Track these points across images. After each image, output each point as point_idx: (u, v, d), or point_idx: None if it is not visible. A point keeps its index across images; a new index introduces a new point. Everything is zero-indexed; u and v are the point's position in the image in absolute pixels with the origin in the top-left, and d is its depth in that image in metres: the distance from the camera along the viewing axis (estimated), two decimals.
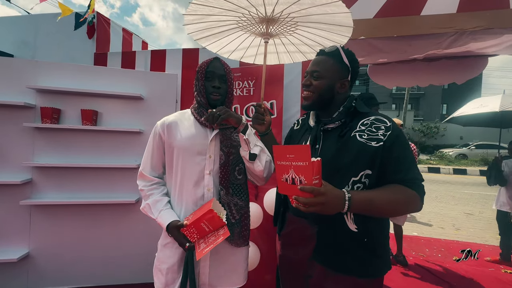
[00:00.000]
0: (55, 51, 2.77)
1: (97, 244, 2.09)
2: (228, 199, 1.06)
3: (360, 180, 0.85)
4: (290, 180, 0.76)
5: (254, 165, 1.03)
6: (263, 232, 1.86)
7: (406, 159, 0.85)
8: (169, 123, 1.09)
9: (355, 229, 0.86)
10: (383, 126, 0.87)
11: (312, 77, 0.97)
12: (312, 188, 0.72)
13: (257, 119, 1.14)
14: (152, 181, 1.10)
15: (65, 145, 2.04)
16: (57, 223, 2.03)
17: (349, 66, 0.95)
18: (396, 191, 0.83)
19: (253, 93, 1.95)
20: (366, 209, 0.81)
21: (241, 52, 1.44)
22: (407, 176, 0.84)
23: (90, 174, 2.08)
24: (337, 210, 0.78)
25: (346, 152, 0.87)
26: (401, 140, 0.86)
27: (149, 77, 2.15)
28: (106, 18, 2.79)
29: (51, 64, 2.02)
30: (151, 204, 1.06)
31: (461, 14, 1.74)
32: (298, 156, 0.72)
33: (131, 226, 2.14)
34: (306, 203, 0.74)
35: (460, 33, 1.80)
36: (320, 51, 1.00)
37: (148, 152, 1.12)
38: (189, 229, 0.93)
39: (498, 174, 3.00)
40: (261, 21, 1.19)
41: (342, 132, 0.90)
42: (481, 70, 2.43)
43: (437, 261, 3.01)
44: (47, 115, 1.94)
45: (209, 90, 1.06)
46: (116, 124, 2.11)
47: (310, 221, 0.94)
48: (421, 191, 0.85)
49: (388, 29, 1.88)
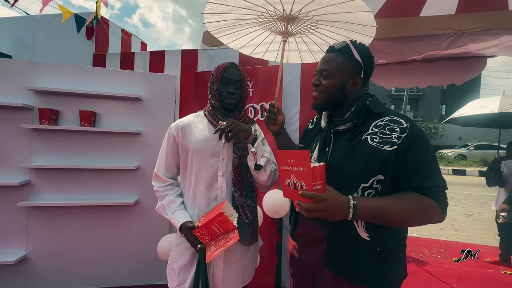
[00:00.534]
0: (54, 52, 2.76)
1: (96, 246, 2.08)
2: (242, 200, 1.09)
3: (371, 186, 0.78)
4: (292, 185, 0.75)
5: (259, 174, 1.07)
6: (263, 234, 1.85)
7: (424, 165, 0.76)
8: (183, 125, 1.11)
9: (367, 237, 0.80)
10: (398, 128, 0.79)
11: (321, 76, 0.91)
12: (312, 194, 0.70)
13: (270, 118, 1.11)
14: (166, 182, 1.12)
15: (63, 146, 2.03)
16: (55, 225, 2.02)
17: (361, 63, 0.87)
18: (410, 199, 0.75)
19: (252, 94, 1.94)
20: (374, 218, 0.76)
21: (252, 48, 1.41)
22: (424, 184, 0.75)
23: (89, 175, 2.07)
24: (341, 217, 0.75)
25: (355, 158, 0.81)
26: (419, 143, 0.77)
27: (147, 78, 2.14)
28: (105, 19, 2.78)
29: (49, 65, 2.01)
30: (166, 205, 1.08)
31: (460, 15, 1.74)
32: (298, 161, 0.70)
33: (130, 227, 2.13)
34: (307, 209, 0.72)
35: (459, 34, 1.80)
36: (330, 47, 0.93)
37: (162, 153, 1.14)
38: (200, 231, 0.95)
39: (497, 175, 3.01)
40: (281, 19, 1.16)
41: (352, 135, 0.84)
42: (480, 71, 2.43)
43: (436, 262, 3.01)
44: (45, 116, 1.94)
45: (224, 95, 1.08)
46: (115, 125, 2.10)
47: (321, 224, 0.89)
48: (441, 200, 0.76)
49: (387, 30, 1.87)
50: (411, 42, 1.96)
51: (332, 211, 0.73)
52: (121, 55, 2.45)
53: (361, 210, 0.74)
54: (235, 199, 1.08)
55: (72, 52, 2.73)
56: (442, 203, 0.76)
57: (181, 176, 1.16)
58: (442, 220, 0.78)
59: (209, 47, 2.29)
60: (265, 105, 1.89)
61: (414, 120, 0.81)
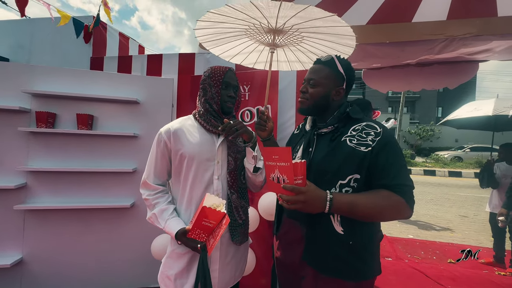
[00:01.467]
0: (51, 55, 2.76)
1: (92, 249, 2.08)
2: (238, 202, 1.11)
3: (349, 184, 0.87)
4: (276, 179, 0.82)
5: (257, 176, 1.11)
6: (259, 237, 1.87)
7: (394, 165, 0.85)
8: (175, 130, 1.08)
9: (341, 231, 0.88)
10: (373, 132, 0.89)
11: (309, 84, 1.01)
12: (292, 187, 0.78)
13: (260, 125, 1.17)
14: (156, 189, 1.10)
15: (60, 149, 2.04)
16: (51, 228, 2.02)
17: (344, 75, 0.98)
18: (381, 195, 0.84)
19: (248, 98, 1.97)
20: (348, 211, 0.84)
21: (242, 57, 1.47)
22: (393, 182, 0.84)
23: (85, 178, 2.07)
24: (318, 209, 0.83)
25: (335, 156, 0.89)
26: (390, 146, 0.87)
27: (145, 81, 2.16)
28: (102, 22, 2.80)
29: (46, 68, 2.02)
30: (158, 214, 1.06)
31: (451, 22, 1.78)
32: (282, 157, 0.77)
33: (127, 230, 2.13)
34: (288, 201, 0.80)
35: (450, 39, 1.84)
36: (317, 60, 1.04)
37: (151, 160, 1.11)
38: (194, 231, 0.95)
39: (490, 177, 3.05)
40: (268, 32, 1.23)
41: (333, 136, 0.93)
42: (472, 75, 2.48)
43: (432, 263, 3.03)
44: (42, 120, 1.94)
45: (225, 99, 1.10)
46: (112, 128, 2.11)
47: (301, 223, 0.97)
48: (408, 197, 0.85)
49: (381, 36, 1.91)
50: (404, 47, 2.00)
51: (311, 203, 0.81)
52: (118, 59, 2.46)
53: (337, 204, 0.82)
54: (231, 201, 1.09)
55: (70, 55, 2.74)
56: (409, 200, 0.85)
57: (173, 181, 1.14)
58: (409, 216, 0.86)
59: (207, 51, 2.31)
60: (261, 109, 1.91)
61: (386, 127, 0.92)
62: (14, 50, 2.77)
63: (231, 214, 1.09)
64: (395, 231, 4.23)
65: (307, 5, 1.06)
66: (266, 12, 1.10)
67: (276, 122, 1.91)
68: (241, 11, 1.11)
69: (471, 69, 2.46)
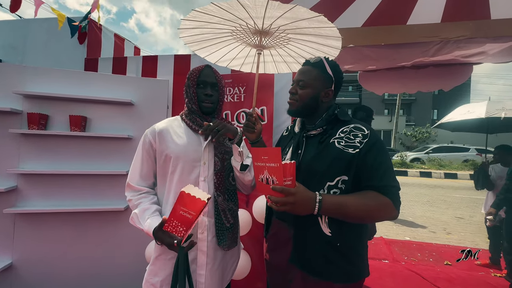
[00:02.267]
0: (45, 56, 2.73)
1: (85, 254, 2.03)
2: (224, 204, 1.07)
3: (337, 186, 0.87)
4: (265, 180, 0.81)
5: (245, 175, 1.07)
6: (254, 240, 1.85)
7: (381, 166, 0.86)
8: (160, 130, 1.06)
9: (329, 233, 0.88)
10: (361, 134, 0.90)
11: (298, 86, 1.01)
12: (281, 188, 0.77)
13: (248, 127, 1.16)
14: (141, 191, 1.06)
15: (53, 151, 2.00)
16: (42, 232, 1.98)
17: (332, 77, 0.98)
18: (368, 197, 0.85)
19: (244, 99, 1.96)
20: (337, 212, 0.84)
21: (229, 60, 1.46)
22: (380, 183, 0.85)
23: (78, 181, 2.03)
24: (308, 211, 0.82)
25: (323, 158, 0.90)
26: (377, 147, 0.88)
27: (139, 82, 2.14)
28: (97, 23, 2.78)
29: (39, 69, 1.99)
30: (139, 213, 1.00)
31: (445, 24, 1.79)
32: (271, 158, 0.76)
33: (120, 234, 2.09)
34: (277, 202, 0.79)
35: (445, 42, 1.85)
36: (306, 61, 1.04)
37: (137, 161, 1.07)
38: (170, 223, 0.86)
39: (485, 178, 3.07)
40: (255, 33, 1.22)
41: (322, 138, 0.94)
42: (466, 77, 2.50)
43: (428, 265, 3.03)
44: (34, 121, 1.91)
45: (201, 98, 1.08)
46: (106, 130, 2.08)
47: (289, 224, 0.96)
48: (395, 198, 0.85)
49: (376, 38, 1.92)
50: (399, 49, 2.01)
51: (300, 205, 0.80)
52: (113, 60, 2.44)
53: (326, 205, 0.82)
54: (218, 203, 1.06)
55: (64, 56, 2.70)
56: (395, 201, 0.86)
57: (158, 183, 1.10)
58: (395, 217, 0.87)
59: None
60: (257, 110, 1.90)
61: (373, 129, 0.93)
62: (6, 51, 2.73)
63: (217, 217, 1.06)
64: (392, 233, 4.23)
65: (294, 4, 1.06)
66: (253, 12, 1.09)
67: (272, 124, 1.90)
68: (228, 11, 1.09)
69: (465, 72, 2.48)
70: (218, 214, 1.06)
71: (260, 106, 1.91)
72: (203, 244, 1.04)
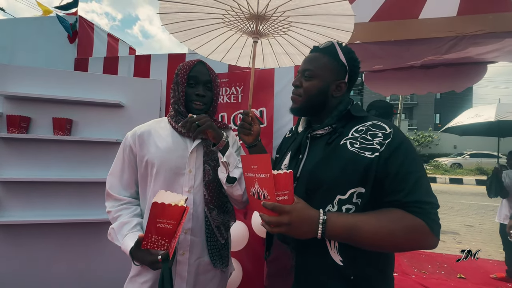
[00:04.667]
0: (34, 56, 2.60)
1: (70, 268, 1.87)
2: (219, 220, 0.93)
3: (350, 200, 0.68)
4: (256, 194, 0.66)
5: (233, 188, 0.91)
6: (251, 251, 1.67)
7: (409, 175, 0.65)
8: (141, 133, 0.94)
9: (340, 261, 0.69)
10: (381, 133, 0.70)
11: (303, 77, 0.83)
12: (273, 205, 0.61)
13: (243, 128, 1.00)
14: (122, 201, 0.93)
15: (34, 157, 1.85)
16: (23, 245, 1.82)
17: (346, 65, 0.80)
18: (392, 217, 0.64)
19: (241, 100, 1.80)
20: (347, 237, 0.64)
21: (223, 53, 1.30)
22: (409, 198, 0.64)
23: (62, 189, 1.88)
24: (308, 234, 0.64)
25: (332, 164, 0.71)
26: (404, 150, 0.67)
27: (129, 83, 1.99)
28: (89, 22, 2.66)
29: (20, 68, 1.85)
30: (116, 228, 0.88)
31: (462, 18, 1.65)
32: (260, 167, 0.62)
33: (108, 246, 1.92)
34: (268, 222, 0.63)
35: (460, 37, 1.70)
36: (314, 47, 0.86)
37: (117, 167, 0.95)
38: (149, 240, 0.73)
39: (498, 185, 2.88)
40: (250, 18, 1.07)
41: (330, 139, 0.74)
42: (480, 77, 2.35)
43: (440, 279, 2.82)
44: (14, 124, 1.76)
45: (191, 98, 0.93)
46: (92, 134, 1.93)
47: (291, 248, 0.77)
48: (431, 220, 0.63)
49: (385, 33, 1.77)
50: (410, 46, 1.86)
51: (297, 226, 0.63)
52: (104, 59, 2.30)
53: (332, 227, 0.63)
54: (209, 219, 0.92)
55: (54, 56, 2.58)
56: (432, 224, 0.63)
57: (140, 193, 0.97)
58: (435, 245, 0.65)
59: None
60: (255, 112, 1.75)
61: (397, 127, 0.73)
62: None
63: (211, 235, 0.92)
64: None
65: None
66: None
67: (272, 128, 1.74)
68: None
69: (479, 71, 2.33)
70: (211, 231, 0.92)
71: (259, 107, 1.75)
72: (183, 269, 0.89)
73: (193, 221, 0.90)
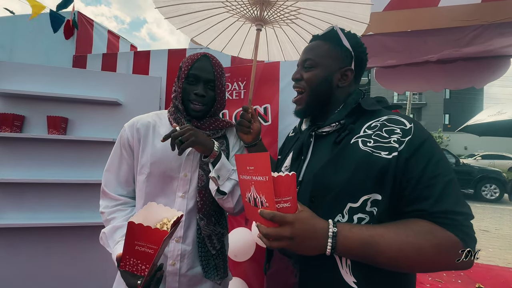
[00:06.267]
0: (33, 53, 2.55)
1: (65, 273, 1.79)
2: (210, 229, 0.84)
3: (363, 209, 0.57)
4: (252, 200, 0.56)
5: (223, 201, 0.82)
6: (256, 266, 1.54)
7: (436, 180, 0.54)
8: (139, 126, 0.85)
9: (353, 283, 0.57)
10: (400, 129, 0.59)
11: (303, 69, 0.74)
12: (272, 214, 0.50)
13: (241, 125, 0.91)
14: (117, 200, 0.85)
15: (28, 157, 1.78)
16: (15, 250, 1.75)
17: (351, 51, 0.70)
18: (417, 230, 0.53)
19: (244, 96, 1.68)
20: (362, 255, 0.53)
21: (223, 43, 1.19)
22: (438, 208, 0.53)
23: (57, 191, 1.80)
24: (315, 250, 0.54)
25: (341, 166, 0.60)
26: (429, 149, 0.56)
27: (128, 80, 1.90)
28: (88, 18, 2.59)
29: (14, 65, 1.79)
30: (108, 233, 0.80)
31: (487, 4, 1.49)
32: (258, 168, 0.52)
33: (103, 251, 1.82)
34: (267, 235, 0.52)
35: (485, 26, 1.55)
36: (314, 36, 0.78)
37: (113, 162, 0.87)
38: (128, 261, 0.63)
39: None
40: (255, 3, 0.97)
41: (339, 137, 0.64)
42: (503, 72, 2.16)
43: None
44: (7, 123, 1.69)
45: (190, 97, 0.83)
46: (89, 133, 1.85)
47: (294, 263, 0.67)
48: (466, 234, 0.52)
49: (401, 23, 1.63)
50: (428, 37, 1.71)
51: (301, 241, 0.52)
52: (102, 56, 2.22)
53: (344, 241, 0.53)
54: (200, 228, 0.82)
55: (53, 53, 2.52)
56: (468, 240, 0.52)
57: (136, 191, 0.89)
58: (470, 266, 0.54)
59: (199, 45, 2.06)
60: (259, 109, 1.62)
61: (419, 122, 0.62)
62: None
63: (201, 244, 0.83)
64: None
65: None
66: None
67: (277, 126, 1.61)
68: None
69: (501, 65, 2.15)
70: (201, 240, 0.83)
71: (263, 104, 1.63)
72: (173, 279, 0.80)
73: (185, 229, 0.82)
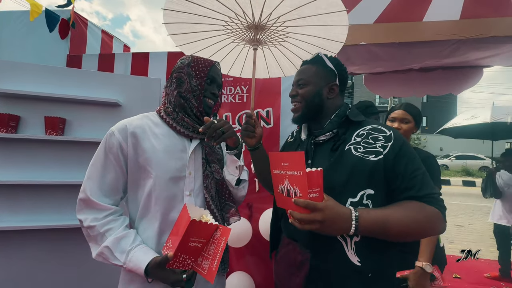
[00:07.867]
0: (23, 52, 2.48)
1: (61, 277, 1.77)
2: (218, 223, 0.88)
3: (361, 202, 0.73)
4: (286, 191, 0.68)
5: (238, 190, 0.94)
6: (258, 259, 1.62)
7: (416, 174, 0.73)
8: (133, 129, 0.83)
9: (357, 261, 0.73)
10: (382, 136, 0.77)
11: (297, 87, 0.91)
12: (306, 202, 0.63)
13: (246, 131, 0.99)
14: (107, 210, 0.80)
15: (24, 158, 1.74)
16: (10, 253, 1.70)
17: (334, 70, 0.89)
18: (413, 208, 0.71)
19: (246, 99, 1.76)
20: (378, 231, 0.69)
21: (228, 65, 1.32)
22: (422, 192, 0.72)
23: (54, 192, 1.77)
24: (342, 231, 0.68)
25: (340, 169, 0.76)
26: (406, 151, 0.75)
27: (127, 81, 1.91)
28: (83, 18, 2.55)
29: (9, 64, 1.74)
30: (112, 246, 0.76)
31: (464, 21, 1.67)
32: (292, 165, 0.64)
33: None
34: (301, 220, 0.65)
35: (462, 41, 1.73)
36: (303, 61, 0.96)
37: (97, 169, 0.82)
38: (178, 258, 0.68)
39: (493, 186, 2.95)
40: (249, 28, 1.10)
41: (334, 145, 0.81)
42: (476, 81, 2.40)
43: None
44: (2, 123, 1.65)
45: (208, 95, 0.91)
46: (87, 134, 1.84)
47: (301, 246, 0.82)
48: (441, 207, 0.73)
49: (389, 35, 1.78)
50: (412, 48, 1.87)
51: (331, 224, 0.65)
52: (99, 56, 2.20)
53: (364, 223, 0.67)
54: None
55: (45, 52, 2.46)
56: (442, 210, 0.74)
57: (129, 199, 0.88)
58: (444, 229, 0.75)
59: None
60: (262, 112, 1.71)
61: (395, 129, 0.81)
62: None
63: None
64: None
65: None
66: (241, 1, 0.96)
67: (279, 128, 1.70)
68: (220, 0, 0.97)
69: (475, 75, 2.38)
70: None
71: (265, 108, 1.71)
72: None
73: None
